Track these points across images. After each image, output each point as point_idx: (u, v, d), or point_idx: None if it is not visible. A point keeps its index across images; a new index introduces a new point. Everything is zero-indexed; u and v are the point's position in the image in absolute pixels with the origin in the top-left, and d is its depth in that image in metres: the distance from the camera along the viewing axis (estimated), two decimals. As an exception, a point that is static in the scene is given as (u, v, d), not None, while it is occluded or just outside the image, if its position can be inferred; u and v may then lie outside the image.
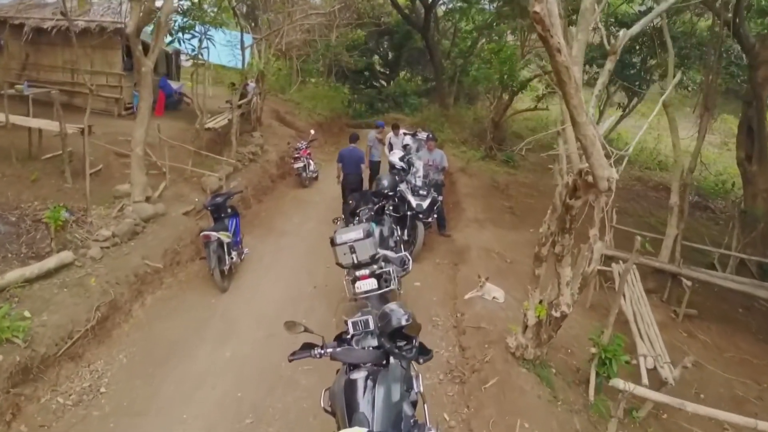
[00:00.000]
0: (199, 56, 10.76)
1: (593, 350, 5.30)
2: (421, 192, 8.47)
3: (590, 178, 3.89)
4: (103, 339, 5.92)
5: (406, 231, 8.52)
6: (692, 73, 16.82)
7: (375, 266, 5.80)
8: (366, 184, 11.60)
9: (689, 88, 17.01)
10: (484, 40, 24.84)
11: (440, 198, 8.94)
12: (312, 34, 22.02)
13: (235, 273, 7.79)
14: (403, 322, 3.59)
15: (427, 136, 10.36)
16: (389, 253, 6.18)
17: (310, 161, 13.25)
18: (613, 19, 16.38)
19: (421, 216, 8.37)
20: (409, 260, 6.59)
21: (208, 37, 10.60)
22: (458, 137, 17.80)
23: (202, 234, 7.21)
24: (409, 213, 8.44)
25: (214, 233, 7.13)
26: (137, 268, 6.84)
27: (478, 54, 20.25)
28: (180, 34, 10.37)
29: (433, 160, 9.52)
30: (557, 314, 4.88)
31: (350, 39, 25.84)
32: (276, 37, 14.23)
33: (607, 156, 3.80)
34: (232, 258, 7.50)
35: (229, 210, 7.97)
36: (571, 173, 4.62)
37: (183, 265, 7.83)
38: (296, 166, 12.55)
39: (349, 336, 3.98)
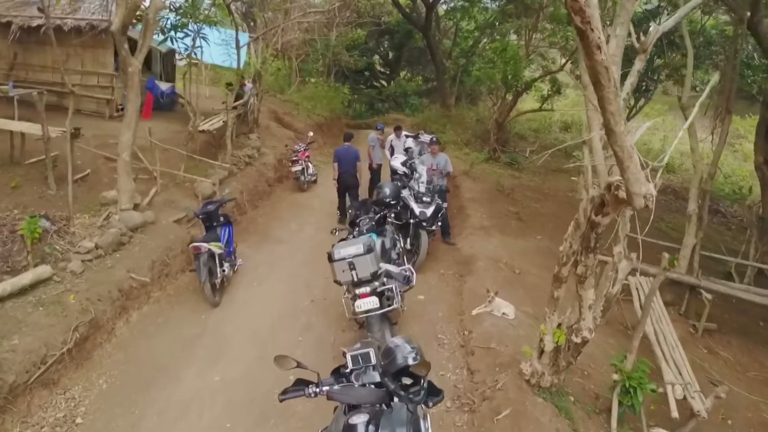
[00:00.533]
0: (193, 55, 10.27)
1: (615, 377, 4.81)
2: (424, 199, 7.98)
3: (621, 194, 3.40)
4: (81, 362, 5.44)
5: (408, 240, 8.04)
6: (700, 73, 16.34)
7: (376, 283, 5.30)
8: (366, 187, 11.19)
9: (697, 89, 16.50)
10: (485, 40, 24.39)
11: (445, 205, 8.45)
12: (311, 34, 21.54)
13: (228, 286, 7.30)
14: (410, 361, 3.12)
15: (431, 139, 9.85)
16: (392, 268, 5.68)
17: (309, 164, 12.77)
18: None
19: (424, 224, 7.89)
20: (412, 274, 6.10)
21: (201, 35, 10.12)
22: (461, 139, 17.32)
23: (191, 245, 6.73)
24: (411, 221, 7.96)
25: (204, 244, 6.65)
26: (122, 283, 6.35)
27: (481, 54, 19.74)
28: (173, 33, 9.87)
29: (437, 164, 9.02)
30: (578, 340, 4.40)
31: (350, 38, 25.36)
32: (273, 36, 13.74)
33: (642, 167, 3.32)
34: (224, 270, 7.02)
35: (221, 218, 7.50)
36: (596, 186, 4.13)
37: (172, 278, 7.34)
38: (294, 169, 12.07)
39: (347, 370, 3.50)
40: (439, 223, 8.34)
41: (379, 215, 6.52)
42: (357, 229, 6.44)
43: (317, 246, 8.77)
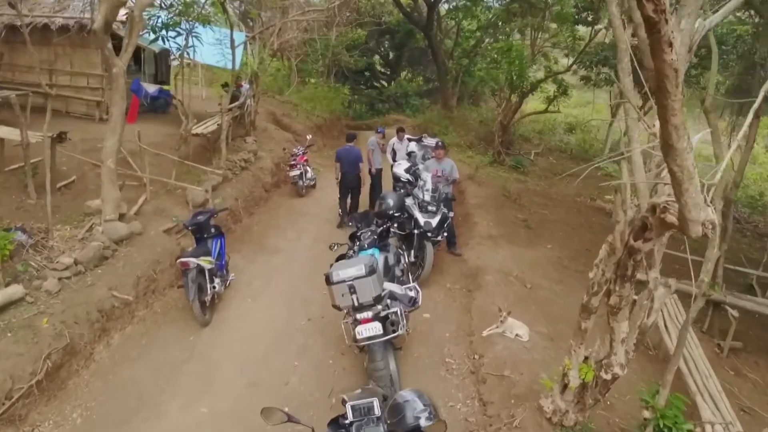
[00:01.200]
0: (185, 55, 9.73)
1: (646, 414, 4.27)
2: (429, 208, 7.44)
3: (669, 218, 2.86)
4: (54, 393, 4.90)
5: (412, 252, 7.50)
6: (709, 74, 15.78)
7: (379, 307, 4.75)
8: (367, 194, 10.65)
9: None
10: (488, 40, 23.84)
11: (451, 214, 7.89)
12: (311, 33, 21.00)
13: (219, 303, 6.76)
14: (423, 422, 2.60)
15: (436, 143, 9.24)
16: (396, 289, 5.14)
17: (308, 168, 12.23)
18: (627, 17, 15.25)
19: (430, 235, 7.35)
20: (418, 294, 5.56)
21: (194, 34, 9.57)
22: (464, 141, 16.78)
23: (179, 261, 6.18)
24: (416, 232, 7.42)
25: (193, 259, 6.11)
26: (102, 302, 5.81)
27: (484, 54, 19.19)
28: (164, 32, 9.32)
29: (442, 170, 8.47)
30: (607, 376, 3.86)
31: (350, 38, 24.79)
32: (271, 36, 13.20)
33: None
34: (214, 287, 6.48)
35: (212, 230, 6.96)
36: (633, 205, 3.59)
37: (159, 294, 6.80)
38: (292, 174, 11.52)
39: (347, 422, 2.97)
40: (445, 234, 7.80)
41: (381, 228, 5.95)
42: (358, 243, 5.89)
43: (315, 257, 8.24)
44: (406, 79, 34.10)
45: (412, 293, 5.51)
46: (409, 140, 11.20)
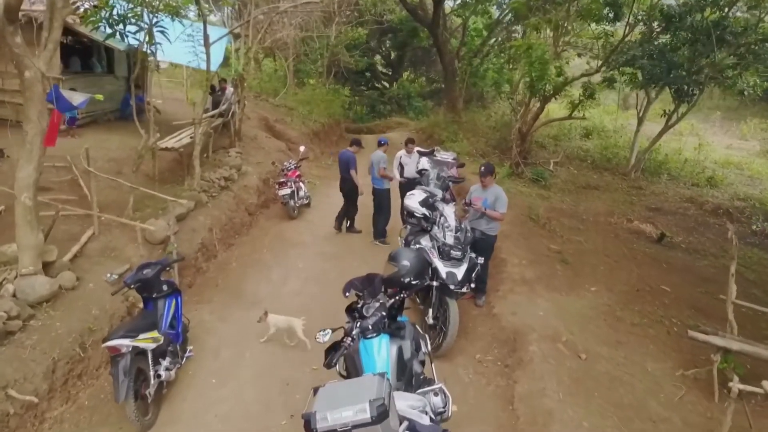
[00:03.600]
0: (149, 54, 7.80)
1: None
2: (453, 254, 5.51)
3: None
4: None
5: (430, 312, 5.59)
6: (747, 75, 13.86)
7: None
8: (366, 214, 8.79)
9: (745, 93, 13.99)
10: (494, 39, 21.93)
11: (480, 260, 5.89)
12: (308, 31, 19.12)
13: (168, 394, 4.85)
14: None
15: (485, 168, 6.50)
16: (416, 418, 3.21)
17: (301, 184, 10.32)
18: (657, 13, 13.29)
19: (453, 289, 5.44)
20: (447, 401, 3.64)
21: (159, 29, 7.62)
22: (475, 149, 14.84)
23: (105, 345, 4.27)
24: (435, 284, 5.51)
25: (125, 342, 4.22)
26: (-13, 413, 3.91)
27: (496, 53, 17.24)
28: (120, 26, 7.38)
29: (484, 202, 6.40)
30: None
31: (350, 37, 22.86)
32: (259, 32, 11.27)
33: None
34: (159, 375, 4.58)
35: (164, 287, 5.04)
36: None
37: (89, 379, 4.89)
38: (281, 193, 9.57)
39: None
40: (473, 285, 5.87)
41: (392, 301, 4.03)
42: (358, 323, 3.96)
43: (304, 309, 6.34)
44: (408, 79, 32.19)
45: (438, 402, 3.59)
46: (420, 154, 9.27)
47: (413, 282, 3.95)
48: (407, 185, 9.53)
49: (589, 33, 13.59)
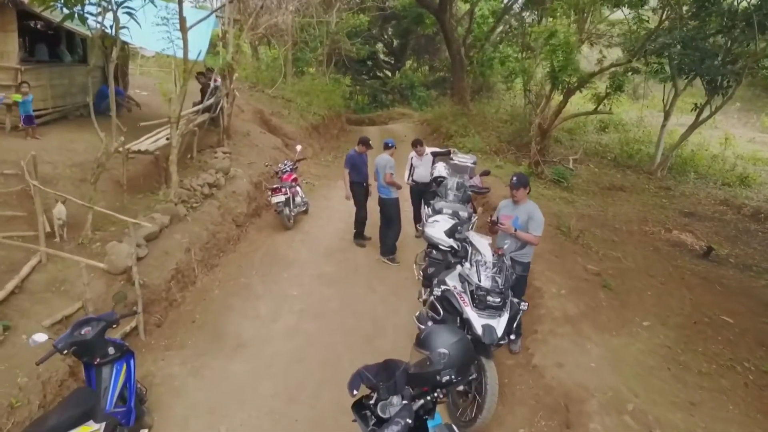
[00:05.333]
0: (114, 40, 6.37)
1: None
2: (491, 300, 4.16)
3: None
4: None
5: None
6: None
7: None
8: (373, 223, 7.44)
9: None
10: (501, 27, 20.40)
11: (524, 305, 4.53)
12: (306, 17, 17.59)
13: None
14: None
15: (518, 179, 5.08)
16: None
17: (298, 189, 8.96)
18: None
19: (492, 345, 4.11)
20: None
21: (126, 9, 6.18)
22: (489, 145, 13.44)
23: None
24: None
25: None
26: None
27: (509, 41, 15.74)
28: (78, 7, 5.95)
29: (515, 221, 5.06)
30: None
31: (351, 24, 21.29)
32: (250, 17, 9.81)
33: None
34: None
35: (110, 350, 3.71)
36: None
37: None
38: (275, 200, 8.19)
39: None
40: (512, 337, 4.52)
41: (421, 403, 2.66)
42: (371, 426, 2.63)
43: (299, 356, 5.04)
44: (411, 68, 30.62)
45: None
46: (434, 155, 7.89)
47: (454, 380, 2.59)
48: (417, 190, 8.19)
49: (607, 20, 12.11)
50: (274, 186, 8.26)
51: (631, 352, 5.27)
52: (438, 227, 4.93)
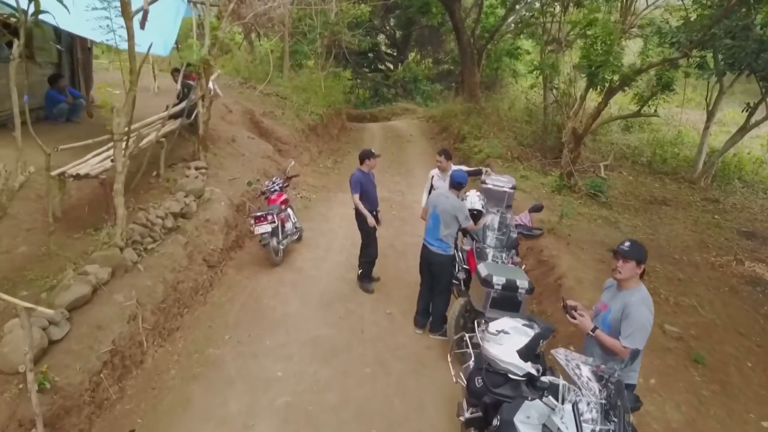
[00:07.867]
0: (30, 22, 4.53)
1: None
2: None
3: None
4: None
5: None
6: None
7: None
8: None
9: None
10: (512, 17, 18.42)
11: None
12: (303, 5, 15.63)
13: None
14: None
15: (630, 247, 3.21)
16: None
17: (289, 212, 7.18)
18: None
19: None
20: None
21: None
22: (508, 149, 11.58)
23: None
24: None
25: None
26: None
27: (530, 33, 13.83)
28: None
29: (605, 316, 3.18)
30: None
31: (352, 15, 19.27)
32: (231, 2, 7.92)
33: None
34: None
35: None
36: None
37: None
38: (259, 231, 6.37)
39: None
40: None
41: None
42: None
43: None
44: (414, 61, 28.59)
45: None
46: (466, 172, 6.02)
47: None
48: None
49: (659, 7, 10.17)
50: (258, 213, 6.42)
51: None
52: (506, 343, 2.99)
